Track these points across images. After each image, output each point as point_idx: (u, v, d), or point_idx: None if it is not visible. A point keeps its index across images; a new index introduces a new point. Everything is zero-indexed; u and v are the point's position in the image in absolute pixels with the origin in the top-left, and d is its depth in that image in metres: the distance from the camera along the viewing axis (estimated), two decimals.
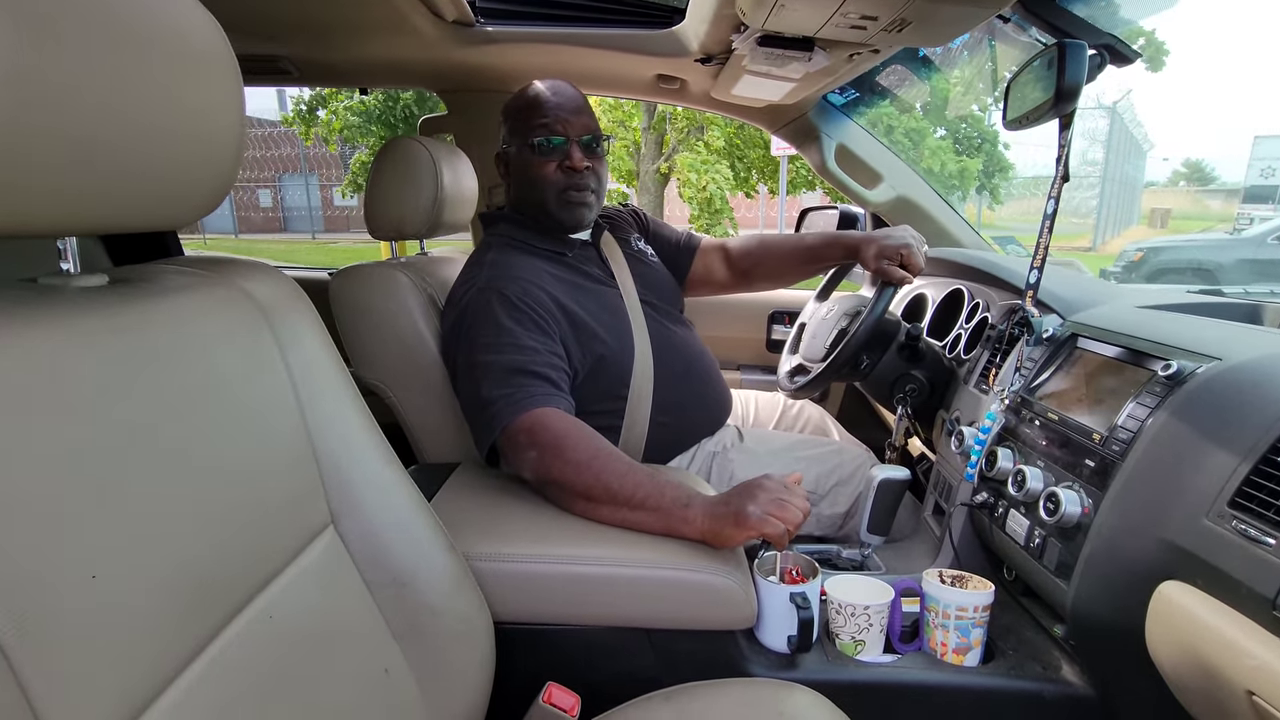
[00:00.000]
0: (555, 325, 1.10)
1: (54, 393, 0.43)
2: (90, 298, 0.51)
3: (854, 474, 1.26)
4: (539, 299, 1.10)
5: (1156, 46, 8.89)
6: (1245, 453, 0.67)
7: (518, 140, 1.22)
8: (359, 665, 0.63)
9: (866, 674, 0.88)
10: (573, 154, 1.18)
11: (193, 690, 0.45)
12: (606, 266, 1.28)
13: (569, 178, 1.19)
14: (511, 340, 1.05)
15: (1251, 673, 0.61)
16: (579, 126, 1.19)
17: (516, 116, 1.22)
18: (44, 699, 0.36)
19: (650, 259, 1.40)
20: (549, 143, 1.18)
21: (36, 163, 0.39)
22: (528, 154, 1.20)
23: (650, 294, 1.29)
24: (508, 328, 1.05)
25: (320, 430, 0.66)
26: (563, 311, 1.12)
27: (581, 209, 1.22)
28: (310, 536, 0.62)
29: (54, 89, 0.39)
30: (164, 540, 0.46)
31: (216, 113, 0.52)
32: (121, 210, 0.49)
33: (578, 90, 1.23)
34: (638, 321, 1.22)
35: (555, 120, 1.18)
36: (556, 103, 1.19)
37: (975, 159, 9.01)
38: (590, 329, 1.14)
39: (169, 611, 0.45)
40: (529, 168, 1.20)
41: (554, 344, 1.08)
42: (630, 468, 0.94)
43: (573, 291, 1.17)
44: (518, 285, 1.10)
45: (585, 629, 0.87)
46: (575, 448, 0.95)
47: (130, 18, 0.44)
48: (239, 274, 0.65)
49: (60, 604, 0.38)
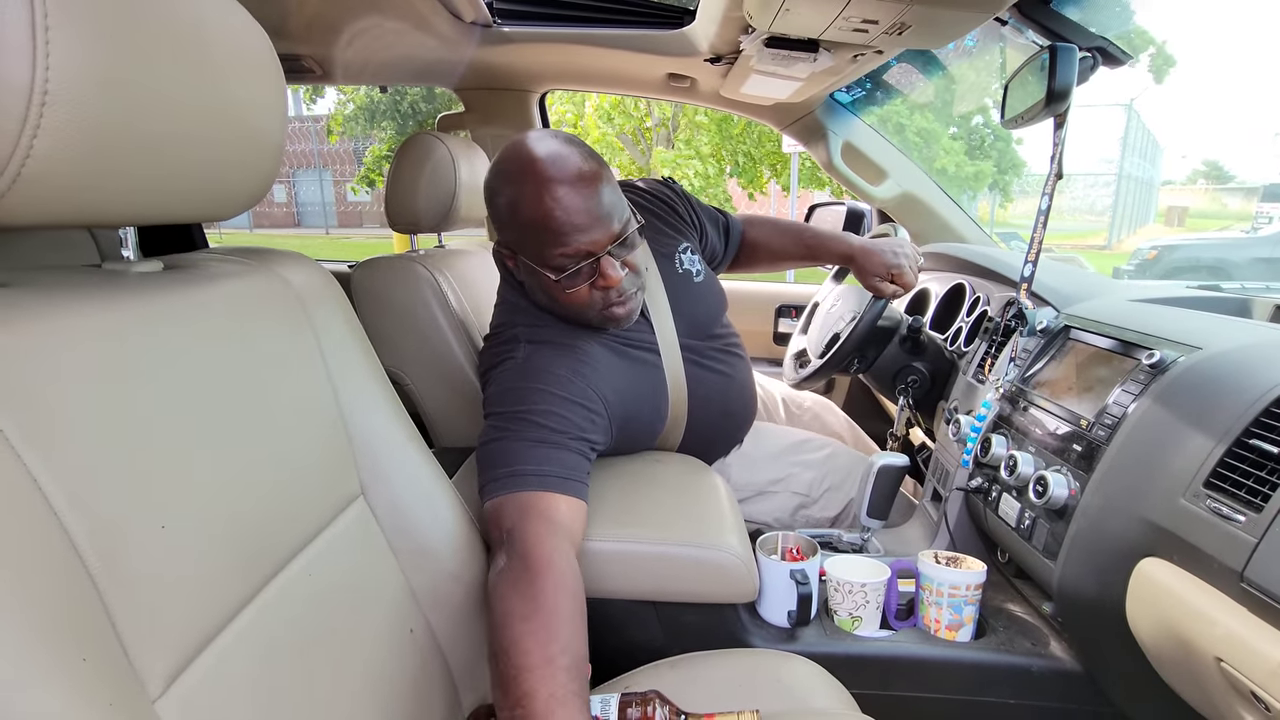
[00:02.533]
0: (598, 406, 0.98)
1: (125, 364, 0.48)
2: (149, 282, 0.56)
3: (846, 479, 1.28)
4: (585, 378, 0.97)
5: (1165, 59, 8.87)
6: (1220, 436, 0.71)
7: (528, 259, 0.96)
8: (387, 624, 0.68)
9: (862, 647, 0.92)
10: (606, 272, 0.94)
11: (245, 633, 0.51)
12: (650, 325, 1.11)
13: (606, 295, 0.97)
14: (537, 407, 0.91)
15: (1220, 641, 0.65)
16: (604, 234, 0.92)
17: (520, 233, 0.95)
18: (127, 628, 0.41)
19: (696, 279, 1.20)
20: (573, 269, 0.93)
21: (120, 159, 0.44)
22: (547, 280, 0.95)
23: (694, 323, 1.16)
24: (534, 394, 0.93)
25: (351, 408, 0.71)
26: (606, 390, 0.99)
27: (630, 317, 1.02)
28: (343, 504, 0.67)
29: (132, 93, 0.44)
30: (220, 499, 0.52)
31: (263, 113, 0.57)
32: (179, 202, 0.54)
33: (583, 158, 0.92)
34: (676, 383, 1.11)
35: (575, 246, 0.91)
36: (572, 222, 0.90)
37: (988, 161, 8.98)
38: (633, 407, 1.05)
39: (225, 562, 0.51)
40: (554, 292, 0.97)
41: (588, 424, 0.95)
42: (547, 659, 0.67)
43: (615, 363, 1.04)
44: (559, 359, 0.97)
45: (596, 601, 0.91)
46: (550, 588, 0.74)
47: (193, 28, 0.49)
48: (278, 263, 0.70)
49: (138, 548, 0.43)
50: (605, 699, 0.69)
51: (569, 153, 0.91)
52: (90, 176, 0.44)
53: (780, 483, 1.28)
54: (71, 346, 0.45)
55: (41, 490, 0.39)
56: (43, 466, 0.39)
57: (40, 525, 0.38)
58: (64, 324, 0.46)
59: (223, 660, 0.48)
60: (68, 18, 0.39)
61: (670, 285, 1.15)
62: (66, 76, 0.39)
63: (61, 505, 0.39)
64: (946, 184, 1.86)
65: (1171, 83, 9.47)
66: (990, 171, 8.97)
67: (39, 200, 0.41)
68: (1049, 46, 0.90)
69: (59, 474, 0.40)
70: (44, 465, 0.39)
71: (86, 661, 0.36)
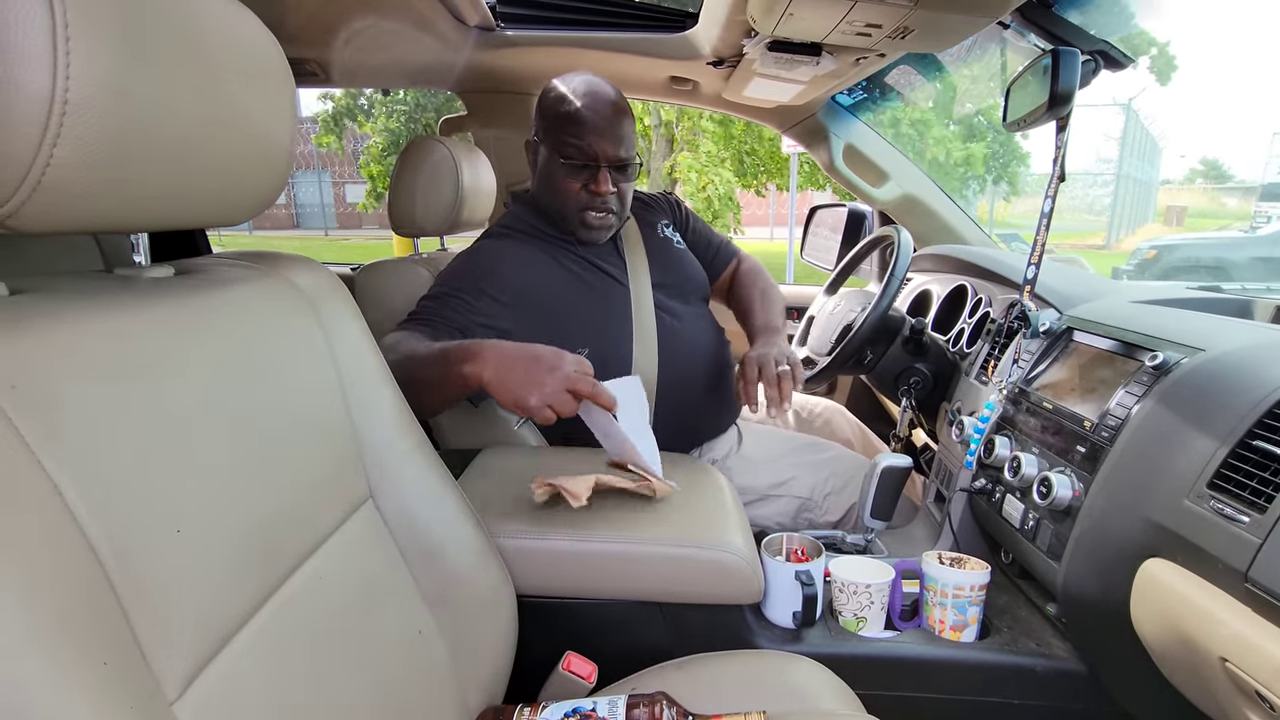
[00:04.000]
0: (508, 303, 1.14)
1: (140, 369, 0.49)
2: (160, 287, 0.57)
3: (847, 484, 1.29)
4: (506, 278, 1.15)
5: (1167, 60, 8.87)
6: (1223, 437, 0.72)
7: (548, 143, 1.20)
8: (396, 626, 0.68)
9: (867, 648, 0.93)
10: (599, 179, 1.17)
11: (258, 635, 0.51)
12: (622, 258, 1.27)
13: (591, 199, 1.18)
14: (447, 290, 1.13)
15: (1225, 641, 0.66)
16: (611, 149, 1.17)
17: (551, 120, 1.19)
18: (144, 630, 0.41)
19: (677, 245, 1.38)
20: (577, 162, 1.16)
21: (137, 167, 0.45)
22: (555, 163, 1.18)
23: (670, 281, 1.28)
24: (452, 278, 1.16)
25: (360, 410, 0.71)
26: (539, 293, 1.16)
27: (599, 231, 1.22)
28: (353, 507, 0.68)
29: (148, 102, 0.44)
30: (233, 502, 0.52)
31: (274, 119, 0.58)
32: (193, 208, 0.54)
33: (619, 97, 1.20)
34: (644, 323, 1.22)
35: (588, 143, 1.16)
36: (593, 123, 1.15)
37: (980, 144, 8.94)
38: (565, 324, 1.16)
39: (239, 565, 0.51)
40: (554, 177, 1.19)
41: (479, 311, 1.12)
42: (424, 345, 1.01)
43: (568, 285, 1.19)
44: (496, 256, 1.18)
45: (602, 602, 0.92)
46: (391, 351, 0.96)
47: (206, 35, 0.50)
48: (286, 267, 0.70)
49: (154, 551, 0.44)
50: (612, 700, 0.70)
51: (615, 91, 1.21)
52: (107, 184, 0.44)
53: (782, 486, 1.28)
54: (88, 351, 0.46)
55: (61, 495, 0.39)
56: (62, 471, 0.40)
57: (61, 530, 0.38)
58: (80, 329, 0.46)
59: (238, 662, 0.49)
60: (87, 27, 0.40)
61: (649, 242, 1.32)
62: (86, 85, 0.40)
63: (81, 510, 0.40)
64: (939, 173, 1.87)
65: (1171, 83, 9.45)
66: (982, 154, 8.95)
67: (58, 207, 0.42)
68: (1051, 50, 0.91)
69: (78, 478, 0.40)
70: (63, 470, 0.40)
71: (108, 665, 0.37)
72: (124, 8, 0.43)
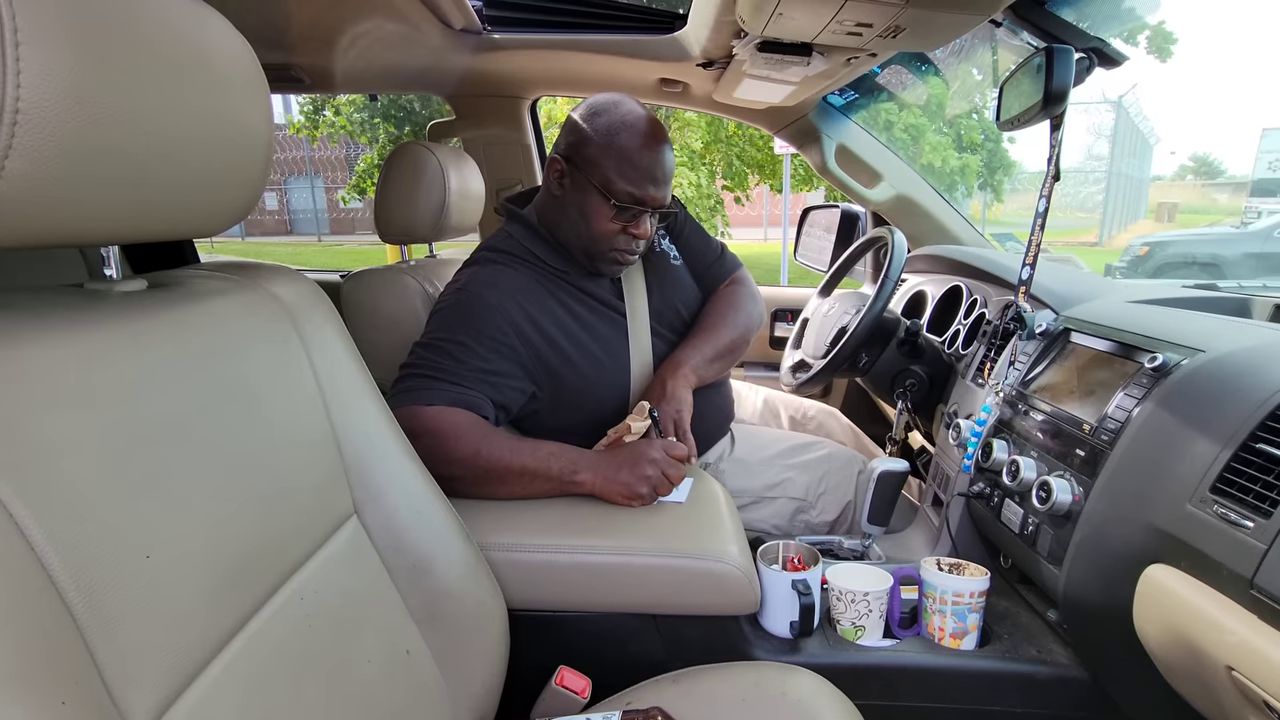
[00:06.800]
0: (515, 344, 1.07)
1: (107, 389, 0.47)
2: (132, 302, 0.55)
3: (841, 482, 1.27)
4: (508, 316, 1.07)
5: (1164, 36, 8.79)
6: (1226, 440, 0.70)
7: (592, 175, 1.08)
8: (383, 646, 0.67)
9: (867, 657, 0.91)
10: (642, 224, 1.10)
11: (235, 662, 0.49)
12: (618, 284, 1.20)
13: (628, 241, 1.11)
14: (450, 338, 1.04)
15: (1231, 649, 0.64)
16: (663, 196, 1.10)
17: (601, 151, 1.08)
18: (110, 664, 0.39)
19: (674, 260, 1.31)
20: (626, 205, 1.08)
21: (98, 177, 0.43)
22: (596, 200, 1.08)
23: (666, 307, 1.23)
24: (453, 326, 1.06)
25: (343, 424, 0.69)
26: (537, 335, 1.08)
27: (622, 267, 1.16)
28: (336, 524, 0.66)
29: (109, 109, 0.42)
30: (207, 524, 0.50)
31: (249, 127, 0.56)
32: (163, 220, 0.52)
33: (664, 131, 1.12)
34: (640, 348, 1.18)
35: (645, 191, 1.08)
36: (651, 170, 1.07)
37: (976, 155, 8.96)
38: (564, 361, 1.11)
39: (213, 590, 0.49)
40: (591, 211, 1.09)
41: (501, 360, 1.05)
42: (513, 450, 0.97)
43: (564, 317, 1.12)
44: (493, 293, 1.08)
45: (595, 615, 0.90)
46: (460, 440, 0.96)
47: (171, 41, 0.48)
48: (266, 278, 0.68)
49: (121, 580, 0.42)
50: (607, 716, 0.68)
51: (659, 123, 1.13)
52: (69, 196, 0.42)
53: (776, 488, 1.27)
54: (50, 372, 0.44)
55: (18, 525, 0.37)
56: (19, 501, 0.38)
57: (16, 562, 0.37)
58: (43, 349, 0.44)
59: (211, 694, 0.47)
60: (40, 32, 0.38)
61: (646, 260, 1.26)
62: (39, 94, 0.38)
63: (39, 540, 0.38)
64: (933, 179, 1.86)
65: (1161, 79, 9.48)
66: (977, 166, 8.95)
67: (15, 221, 0.40)
68: (1045, 48, 0.89)
69: (36, 507, 0.38)
70: (20, 499, 0.38)
71: (66, 705, 0.35)
72: (81, 11, 0.41)
